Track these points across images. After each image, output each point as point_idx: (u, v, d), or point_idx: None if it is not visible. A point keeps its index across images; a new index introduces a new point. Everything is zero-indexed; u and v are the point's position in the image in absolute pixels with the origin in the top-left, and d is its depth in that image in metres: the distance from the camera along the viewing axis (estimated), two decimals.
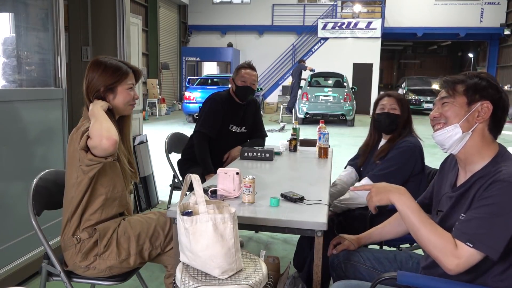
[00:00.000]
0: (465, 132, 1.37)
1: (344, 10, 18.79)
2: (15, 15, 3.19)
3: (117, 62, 1.84)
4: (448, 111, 1.41)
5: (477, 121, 1.37)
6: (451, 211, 1.41)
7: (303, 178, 2.39)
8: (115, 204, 1.83)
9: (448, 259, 1.27)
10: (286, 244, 3.37)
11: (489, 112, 1.36)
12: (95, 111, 1.70)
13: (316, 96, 12.47)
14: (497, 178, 1.27)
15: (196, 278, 1.39)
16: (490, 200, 1.26)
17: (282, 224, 1.69)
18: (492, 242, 1.23)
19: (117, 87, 1.81)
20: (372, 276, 1.67)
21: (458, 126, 1.38)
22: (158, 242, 1.85)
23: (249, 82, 3.07)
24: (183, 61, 18.60)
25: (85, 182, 1.71)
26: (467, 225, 1.28)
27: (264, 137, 3.33)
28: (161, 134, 8.89)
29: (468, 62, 23.13)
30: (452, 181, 1.47)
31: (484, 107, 1.36)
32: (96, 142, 1.58)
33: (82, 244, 1.76)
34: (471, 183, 1.36)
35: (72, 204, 1.75)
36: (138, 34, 4.08)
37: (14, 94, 2.68)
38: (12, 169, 2.52)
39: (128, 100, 1.86)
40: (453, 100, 1.40)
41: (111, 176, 1.79)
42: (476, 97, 1.37)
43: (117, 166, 1.82)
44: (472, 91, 1.38)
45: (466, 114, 1.37)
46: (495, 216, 1.24)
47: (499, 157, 1.36)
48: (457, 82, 1.41)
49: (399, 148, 2.30)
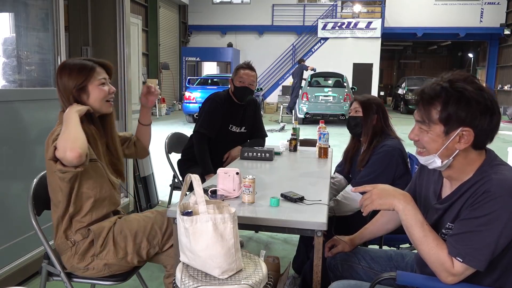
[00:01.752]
0: (446, 160, 1.29)
1: (344, 10, 18.80)
2: (15, 15, 3.19)
3: (81, 61, 1.80)
4: (425, 139, 1.31)
5: (458, 148, 1.27)
6: (437, 223, 1.38)
7: (303, 178, 2.39)
8: (105, 204, 1.82)
9: (443, 275, 1.27)
10: (286, 244, 3.38)
11: (471, 138, 1.25)
12: (67, 116, 1.65)
13: (316, 96, 12.47)
14: (487, 189, 1.22)
15: (196, 278, 1.40)
16: (480, 213, 1.22)
17: (282, 224, 1.69)
18: (482, 256, 1.22)
19: (88, 85, 1.77)
20: (369, 276, 1.67)
21: (436, 156, 1.29)
22: (156, 241, 1.84)
23: (247, 82, 3.06)
24: (183, 61, 18.60)
25: (66, 187, 1.69)
26: (457, 238, 1.26)
27: (264, 137, 3.33)
28: (161, 134, 8.88)
29: (468, 62, 23.14)
30: (437, 190, 1.43)
31: (465, 134, 1.25)
32: (61, 154, 1.55)
33: (77, 246, 1.76)
34: (458, 195, 1.31)
35: (60, 209, 1.74)
36: (138, 34, 4.08)
37: (14, 94, 2.68)
38: (12, 169, 2.52)
39: (103, 96, 1.81)
40: (428, 129, 1.29)
41: (95, 178, 1.76)
42: (454, 125, 1.25)
43: (99, 166, 1.79)
44: (449, 119, 1.25)
45: (445, 143, 1.27)
46: (486, 229, 1.21)
47: (486, 165, 1.29)
48: (431, 104, 1.26)
49: (378, 154, 2.31)
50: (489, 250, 1.22)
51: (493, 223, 1.21)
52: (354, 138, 2.58)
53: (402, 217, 1.35)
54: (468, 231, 1.24)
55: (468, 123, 1.24)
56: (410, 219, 1.33)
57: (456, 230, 1.28)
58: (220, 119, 3.06)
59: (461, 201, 1.29)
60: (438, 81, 1.29)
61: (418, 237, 1.31)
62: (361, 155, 2.42)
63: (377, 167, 2.29)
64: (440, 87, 1.26)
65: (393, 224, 1.73)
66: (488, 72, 19.91)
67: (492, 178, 1.24)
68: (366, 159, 2.36)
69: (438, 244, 1.29)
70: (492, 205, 1.21)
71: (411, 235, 1.34)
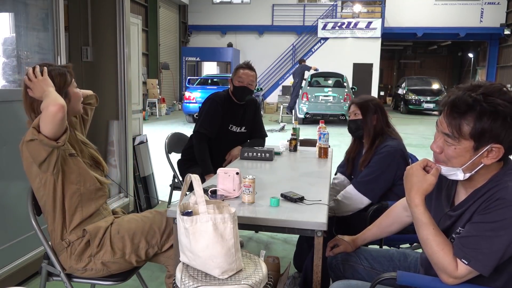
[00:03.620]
0: (469, 173, 1.26)
1: (344, 10, 18.80)
2: (15, 15, 3.19)
3: (55, 67, 1.82)
4: (450, 153, 1.25)
5: (484, 163, 1.23)
6: (449, 229, 1.36)
7: (303, 178, 2.39)
8: (92, 197, 1.81)
9: (445, 276, 1.27)
10: (286, 244, 3.37)
11: (500, 154, 1.21)
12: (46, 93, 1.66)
13: (316, 96, 12.47)
14: (502, 196, 1.20)
15: (196, 278, 1.40)
16: (492, 218, 1.20)
17: (282, 224, 1.69)
18: (488, 261, 1.21)
19: (69, 90, 1.81)
20: (371, 275, 1.67)
21: (460, 170, 1.25)
22: (155, 241, 1.84)
23: (246, 82, 3.06)
24: (183, 61, 18.59)
25: (49, 181, 1.70)
26: (465, 241, 1.25)
27: (264, 137, 3.33)
28: (161, 134, 8.88)
29: (468, 62, 23.14)
30: (450, 196, 1.40)
31: (494, 150, 1.21)
32: (44, 113, 1.57)
33: (73, 246, 1.76)
34: (472, 202, 1.28)
35: (47, 209, 1.75)
36: (138, 34, 4.08)
37: (14, 94, 2.67)
38: (12, 169, 2.51)
39: (79, 97, 1.87)
40: (457, 144, 1.23)
41: (78, 172, 1.77)
42: (485, 140, 1.20)
43: (80, 160, 1.80)
44: (483, 135, 1.19)
45: (472, 158, 1.23)
46: (495, 235, 1.20)
47: (502, 172, 1.26)
48: (463, 117, 1.20)
49: (380, 154, 2.31)
50: (496, 256, 1.20)
51: (503, 230, 1.19)
52: (356, 140, 2.58)
53: (413, 209, 1.32)
54: (477, 235, 1.23)
55: (501, 140, 1.20)
56: (422, 216, 1.30)
57: (465, 233, 1.27)
58: (220, 119, 3.06)
59: (474, 207, 1.27)
60: (469, 92, 1.22)
61: (425, 235, 1.30)
62: (363, 156, 2.42)
63: (378, 167, 2.29)
64: (472, 99, 1.19)
65: (397, 226, 1.73)
66: (488, 72, 19.91)
67: (508, 186, 1.21)
68: (368, 159, 2.36)
69: (446, 245, 1.28)
70: (504, 212, 1.19)
71: (419, 232, 1.32)
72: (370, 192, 2.28)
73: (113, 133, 3.70)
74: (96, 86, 3.41)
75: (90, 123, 2.12)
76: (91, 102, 2.11)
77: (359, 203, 2.30)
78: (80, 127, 2.01)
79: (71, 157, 1.75)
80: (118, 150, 3.72)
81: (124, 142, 3.74)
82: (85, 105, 2.03)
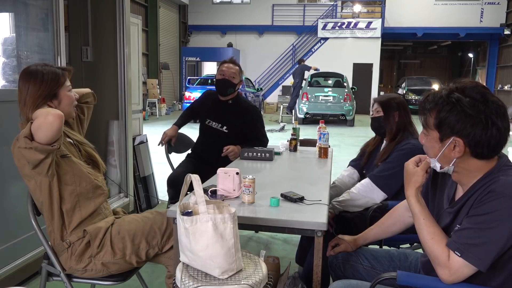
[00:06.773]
0: (446, 166, 1.34)
1: (344, 10, 18.79)
2: (15, 15, 3.19)
3: (50, 67, 1.80)
4: (425, 143, 1.38)
5: (454, 156, 1.30)
6: (449, 226, 1.38)
7: (303, 178, 2.39)
8: (90, 197, 1.80)
9: (440, 269, 1.28)
10: (286, 244, 3.37)
11: (462, 148, 1.27)
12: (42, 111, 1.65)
13: (316, 96, 12.48)
14: (492, 189, 1.23)
15: (196, 278, 1.40)
16: (483, 211, 1.23)
17: (282, 224, 1.69)
18: (481, 254, 1.21)
19: (59, 92, 1.78)
20: (371, 275, 1.67)
21: (436, 161, 1.35)
22: (155, 241, 1.84)
23: (227, 75, 3.09)
24: (183, 61, 18.59)
25: (45, 183, 1.69)
26: (459, 234, 1.27)
27: (264, 143, 3.21)
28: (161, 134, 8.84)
29: (468, 62, 23.13)
30: (451, 194, 1.43)
31: (457, 143, 1.28)
32: (41, 120, 1.56)
33: (73, 247, 1.76)
34: (467, 197, 1.32)
35: (46, 210, 1.74)
36: (138, 34, 4.08)
37: (14, 94, 2.66)
38: (12, 169, 2.51)
39: (72, 101, 1.83)
40: (427, 133, 1.36)
41: (72, 173, 1.75)
42: (447, 132, 1.29)
43: (73, 161, 1.78)
44: (441, 125, 1.29)
45: (441, 149, 1.31)
46: (487, 227, 1.21)
47: (496, 169, 1.29)
48: (430, 110, 1.31)
49: (401, 150, 2.29)
50: (489, 249, 1.21)
51: (494, 222, 1.20)
52: (377, 136, 2.57)
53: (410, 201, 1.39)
54: (469, 228, 1.25)
55: (458, 133, 1.27)
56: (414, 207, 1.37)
57: (461, 226, 1.29)
58: (192, 110, 3.40)
59: (470, 202, 1.30)
60: (442, 88, 1.34)
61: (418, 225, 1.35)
62: (383, 150, 2.42)
63: (396, 164, 2.23)
64: (439, 95, 1.31)
65: (399, 227, 1.73)
66: (488, 72, 19.90)
67: (499, 179, 1.25)
68: (387, 153, 2.35)
69: (438, 235, 1.32)
70: (495, 205, 1.21)
71: (415, 225, 1.37)
72: (387, 187, 2.25)
73: (113, 133, 3.70)
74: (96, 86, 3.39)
75: (90, 123, 2.12)
76: (88, 100, 2.10)
77: (374, 197, 2.26)
78: (77, 127, 2.00)
79: (63, 158, 1.73)
80: (118, 150, 3.72)
81: (124, 142, 3.74)
82: (82, 104, 2.02)
